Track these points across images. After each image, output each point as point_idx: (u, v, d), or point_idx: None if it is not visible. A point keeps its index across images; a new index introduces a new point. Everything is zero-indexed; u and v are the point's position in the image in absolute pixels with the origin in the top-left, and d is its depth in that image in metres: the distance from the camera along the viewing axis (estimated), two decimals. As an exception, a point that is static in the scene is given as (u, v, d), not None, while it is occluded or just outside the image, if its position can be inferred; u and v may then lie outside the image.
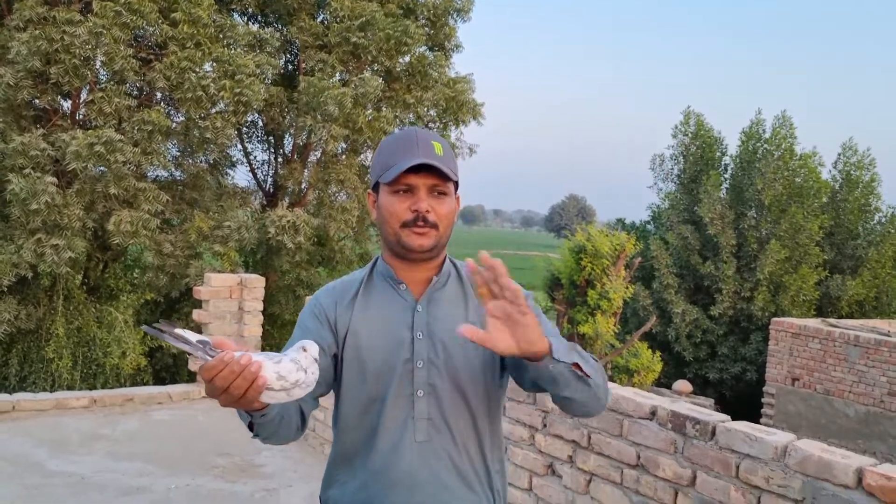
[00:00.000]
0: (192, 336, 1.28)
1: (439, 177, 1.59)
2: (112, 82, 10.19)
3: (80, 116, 10.83)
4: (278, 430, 1.50)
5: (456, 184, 1.66)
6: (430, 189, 1.59)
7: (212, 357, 1.26)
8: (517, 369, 1.61)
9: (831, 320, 14.15)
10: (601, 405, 1.58)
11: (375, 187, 1.66)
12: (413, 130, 1.65)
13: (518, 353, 1.40)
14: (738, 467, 2.90)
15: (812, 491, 2.65)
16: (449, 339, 1.61)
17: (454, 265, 1.73)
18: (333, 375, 1.65)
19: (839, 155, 19.88)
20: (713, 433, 3.01)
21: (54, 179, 9.39)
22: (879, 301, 18.78)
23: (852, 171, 19.53)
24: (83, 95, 10.80)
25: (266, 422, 1.44)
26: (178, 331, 1.27)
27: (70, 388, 9.82)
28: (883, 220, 19.33)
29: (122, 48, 9.66)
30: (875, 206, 19.44)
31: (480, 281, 1.38)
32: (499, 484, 1.69)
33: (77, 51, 9.39)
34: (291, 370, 1.33)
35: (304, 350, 1.37)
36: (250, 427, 1.46)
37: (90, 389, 8.90)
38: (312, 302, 1.70)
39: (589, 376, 1.49)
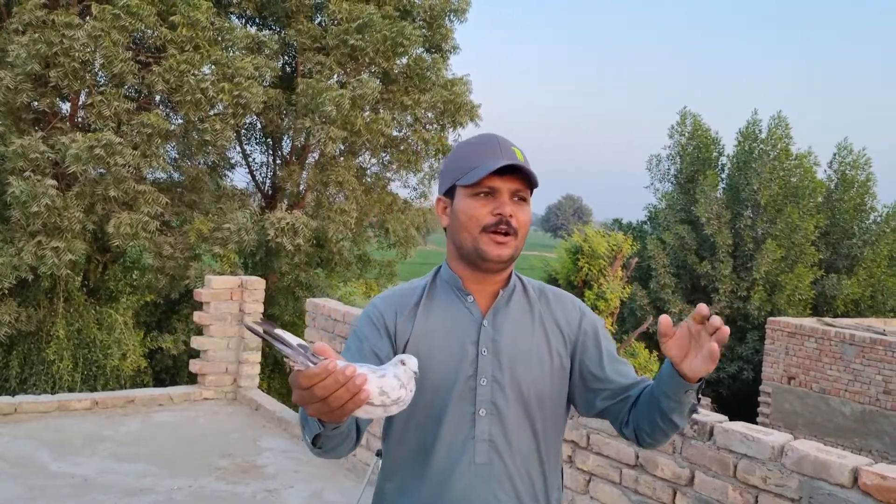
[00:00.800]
0: (292, 339, 1.21)
1: (522, 181, 1.53)
2: (111, 85, 10.22)
3: (80, 119, 10.87)
4: (342, 444, 1.44)
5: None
6: (513, 193, 1.53)
7: (314, 364, 1.18)
8: (587, 391, 1.61)
9: (827, 319, 14.23)
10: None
11: (448, 192, 1.59)
12: (493, 135, 1.59)
13: (679, 365, 1.41)
14: (735, 467, 2.95)
15: (809, 490, 2.70)
16: (515, 356, 1.55)
17: (520, 279, 1.66)
18: None
19: (834, 155, 20.00)
20: (711, 433, 3.06)
21: (54, 182, 9.43)
22: (875, 300, 18.88)
23: (847, 171, 19.64)
24: (82, 98, 10.84)
25: (337, 433, 1.37)
26: (279, 331, 1.20)
27: (71, 389, 9.85)
28: (878, 219, 19.43)
29: (120, 51, 9.70)
30: (870, 206, 19.55)
31: (699, 318, 1.38)
32: None
33: (76, 54, 9.43)
34: (395, 386, 1.27)
35: (403, 364, 1.31)
36: (314, 440, 1.37)
37: (91, 391, 8.93)
38: (370, 309, 1.63)
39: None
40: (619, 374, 1.62)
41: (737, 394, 17.97)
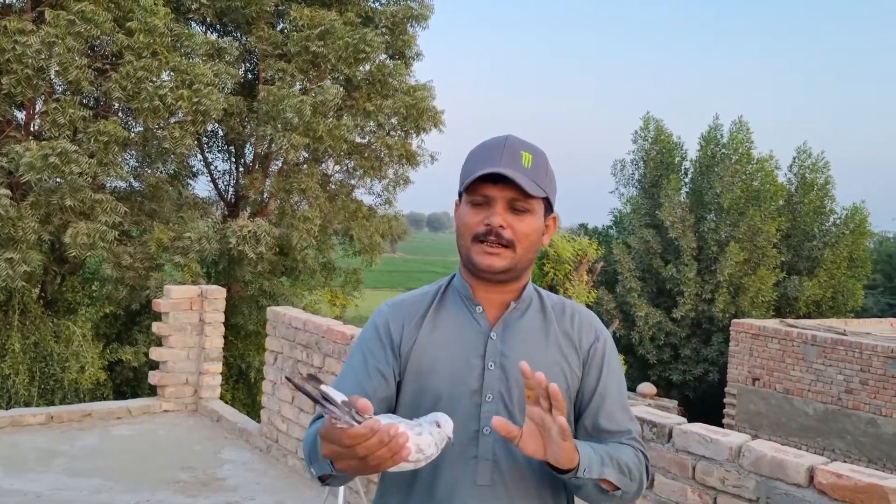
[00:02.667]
0: (337, 395, 1.17)
1: (520, 191, 1.43)
2: (67, 92, 10.03)
3: (35, 127, 10.64)
4: (347, 478, 1.39)
5: (547, 201, 1.50)
6: (509, 203, 1.45)
7: (358, 423, 1.15)
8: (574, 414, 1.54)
9: (789, 321, 14.42)
10: (632, 502, 1.48)
11: (461, 196, 1.52)
12: (504, 137, 1.50)
13: (543, 459, 1.33)
14: (694, 469, 2.95)
15: (766, 490, 2.70)
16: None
17: (538, 293, 1.58)
18: (396, 404, 1.51)
19: (794, 158, 20.32)
20: (670, 436, 3.05)
21: (8, 192, 9.21)
22: (835, 301, 19.19)
23: (807, 174, 19.96)
24: (38, 106, 10.62)
25: (347, 476, 1.34)
26: (324, 388, 1.16)
27: (27, 404, 9.61)
28: (837, 221, 19.77)
29: (76, 58, 9.52)
30: (830, 209, 19.88)
31: (531, 384, 1.30)
32: None
33: (30, 61, 9.23)
34: (430, 444, 1.26)
35: (439, 426, 1.28)
36: (323, 477, 1.34)
37: (48, 405, 8.72)
38: (377, 317, 1.56)
39: (617, 488, 1.40)
40: (608, 413, 1.52)
41: (703, 396, 18.13)
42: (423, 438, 1.25)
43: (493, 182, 1.43)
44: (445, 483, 1.43)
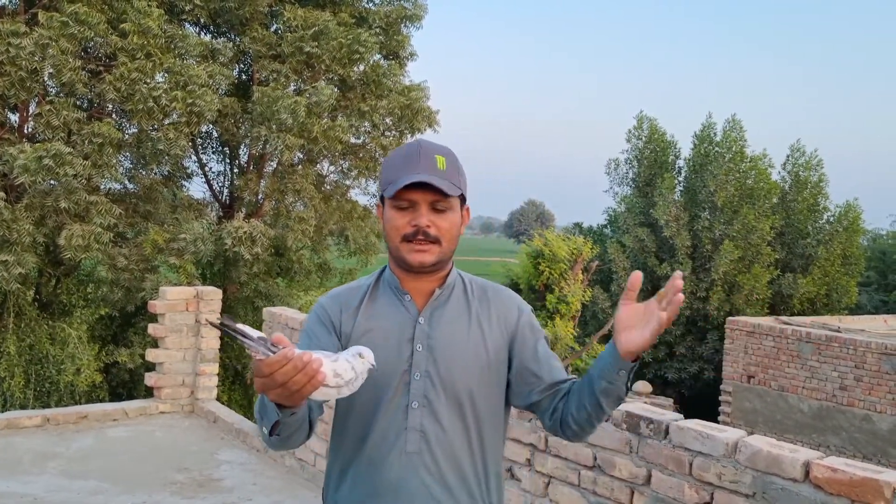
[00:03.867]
0: (252, 332, 1.30)
1: (439, 193, 1.60)
2: (61, 94, 10.00)
3: (29, 130, 10.62)
4: (297, 432, 1.52)
5: (462, 197, 1.68)
6: (431, 204, 1.62)
7: (273, 353, 1.29)
8: (523, 384, 1.70)
9: (784, 318, 14.46)
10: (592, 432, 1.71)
11: (383, 199, 1.68)
12: (417, 144, 1.66)
13: (641, 345, 1.53)
14: (691, 465, 2.96)
15: (762, 485, 2.71)
16: (449, 352, 1.64)
17: (461, 277, 1.75)
18: None
19: (788, 157, 20.37)
20: (667, 432, 3.06)
21: (2, 194, 9.21)
22: (830, 298, 19.25)
23: (801, 172, 20.01)
24: (32, 108, 10.59)
25: (293, 420, 1.46)
26: (240, 326, 1.30)
27: (23, 407, 9.59)
28: (831, 219, 19.82)
29: (70, 60, 9.50)
30: (823, 206, 19.94)
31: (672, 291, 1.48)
32: (494, 498, 1.70)
33: (23, 63, 9.21)
34: (346, 369, 1.38)
35: (362, 357, 1.41)
36: (272, 429, 1.46)
37: (44, 408, 8.70)
38: (317, 308, 1.73)
39: (618, 405, 1.63)
40: (553, 369, 1.72)
41: (698, 394, 18.17)
42: (339, 364, 1.38)
43: (415, 188, 1.59)
44: (379, 450, 1.61)
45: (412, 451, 1.61)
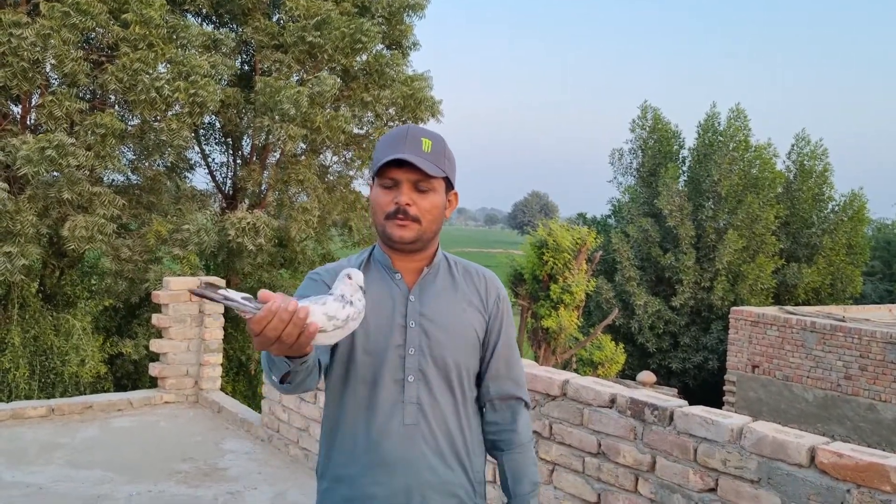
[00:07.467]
0: (236, 294, 1.30)
1: (422, 173, 1.65)
2: (63, 85, 9.98)
3: (32, 121, 10.60)
4: (308, 378, 1.54)
5: (447, 180, 1.73)
6: (414, 184, 1.67)
7: (259, 310, 1.28)
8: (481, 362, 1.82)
9: (788, 308, 14.44)
10: None
11: (374, 181, 1.73)
12: (406, 127, 1.72)
13: None
14: (695, 451, 2.95)
15: (768, 471, 2.70)
16: (439, 328, 1.72)
17: (446, 258, 1.83)
18: (331, 358, 1.72)
19: (793, 146, 20.31)
20: (671, 418, 3.05)
21: (5, 185, 9.18)
22: (834, 288, 19.21)
23: (805, 162, 19.95)
24: (34, 99, 10.57)
25: (304, 368, 1.48)
26: (223, 291, 1.30)
27: (28, 398, 9.60)
28: (836, 208, 19.77)
29: (72, 50, 9.47)
30: (828, 195, 19.88)
31: None
32: (478, 465, 1.79)
33: (25, 53, 9.18)
34: (338, 308, 1.37)
35: (350, 278, 1.40)
36: (282, 379, 1.49)
37: (49, 399, 8.72)
38: (311, 274, 1.79)
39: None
40: (497, 380, 1.83)
41: (703, 384, 18.17)
42: (329, 306, 1.37)
43: (398, 167, 1.65)
44: (380, 423, 1.67)
45: (410, 423, 1.68)
